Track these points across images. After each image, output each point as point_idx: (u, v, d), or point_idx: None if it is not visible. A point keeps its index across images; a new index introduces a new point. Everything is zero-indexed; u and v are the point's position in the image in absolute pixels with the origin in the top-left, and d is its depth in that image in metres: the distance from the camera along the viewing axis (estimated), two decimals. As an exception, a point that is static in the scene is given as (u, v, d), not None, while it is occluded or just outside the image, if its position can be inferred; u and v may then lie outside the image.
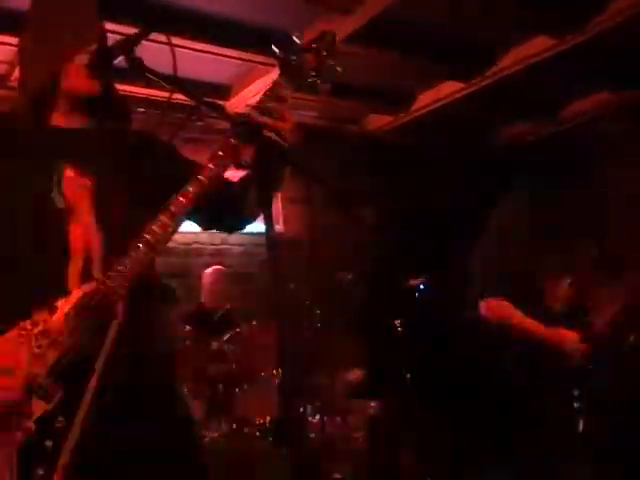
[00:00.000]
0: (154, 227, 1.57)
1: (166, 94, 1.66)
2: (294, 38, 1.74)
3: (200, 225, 1.99)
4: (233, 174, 1.71)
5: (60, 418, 1.49)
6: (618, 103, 5.95)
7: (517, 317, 3.16)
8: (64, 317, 1.52)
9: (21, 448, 1.46)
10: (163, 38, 1.73)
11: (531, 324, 3.15)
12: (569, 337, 3.15)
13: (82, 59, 1.68)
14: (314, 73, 1.74)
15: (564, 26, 4.74)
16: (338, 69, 1.78)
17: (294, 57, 1.73)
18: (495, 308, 3.19)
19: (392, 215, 6.09)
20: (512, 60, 5.18)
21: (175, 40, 1.59)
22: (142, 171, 1.79)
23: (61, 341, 1.51)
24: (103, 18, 1.77)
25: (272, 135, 1.61)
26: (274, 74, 1.75)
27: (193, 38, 4.33)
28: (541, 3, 4.45)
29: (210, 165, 1.64)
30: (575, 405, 3.13)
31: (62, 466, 1.46)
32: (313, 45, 1.75)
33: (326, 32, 1.78)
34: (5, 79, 4.77)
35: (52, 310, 1.53)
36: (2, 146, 1.69)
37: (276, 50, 1.72)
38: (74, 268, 1.61)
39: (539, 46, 4.95)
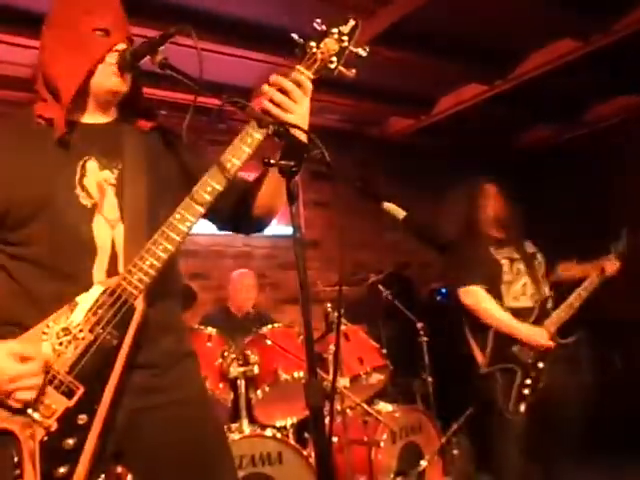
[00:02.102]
0: (173, 220, 1.58)
1: (189, 96, 1.63)
2: (314, 24, 1.71)
3: (216, 224, 1.97)
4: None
5: (82, 415, 1.48)
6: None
7: (491, 305, 3.44)
8: (85, 313, 1.52)
9: (43, 446, 1.45)
10: (186, 40, 1.72)
11: (503, 314, 3.43)
12: (538, 332, 3.41)
13: (111, 58, 1.69)
14: (335, 58, 1.71)
15: (588, 29, 4.72)
16: (362, 53, 1.74)
17: (314, 42, 1.70)
18: (473, 295, 3.47)
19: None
20: (535, 63, 5.16)
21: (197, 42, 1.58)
22: (166, 168, 1.80)
23: (82, 337, 1.50)
24: (129, 19, 1.78)
25: (295, 133, 1.57)
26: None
27: (215, 40, 4.35)
28: (565, 6, 4.42)
29: (230, 157, 1.63)
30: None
31: (85, 463, 1.46)
32: (333, 30, 1.72)
33: (348, 17, 1.74)
34: (31, 82, 4.80)
35: (73, 306, 1.53)
36: (29, 143, 1.68)
37: (295, 36, 1.70)
38: (100, 264, 1.61)
39: (563, 49, 4.93)
